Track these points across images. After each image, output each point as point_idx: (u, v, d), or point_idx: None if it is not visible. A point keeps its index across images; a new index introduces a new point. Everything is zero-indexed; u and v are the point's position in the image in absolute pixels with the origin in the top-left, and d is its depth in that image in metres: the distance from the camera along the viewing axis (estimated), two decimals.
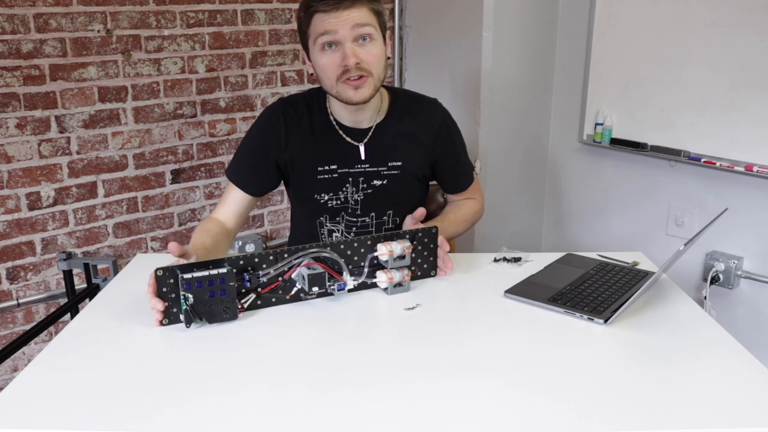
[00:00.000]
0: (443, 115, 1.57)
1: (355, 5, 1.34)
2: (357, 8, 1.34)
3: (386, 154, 1.51)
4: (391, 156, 1.51)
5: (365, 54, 1.37)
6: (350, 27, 1.34)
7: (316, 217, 1.55)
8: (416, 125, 1.53)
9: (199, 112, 2.44)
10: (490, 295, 1.32)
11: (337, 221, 1.54)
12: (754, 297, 2.26)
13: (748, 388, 1.00)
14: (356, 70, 1.36)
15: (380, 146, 1.50)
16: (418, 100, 1.57)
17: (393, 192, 1.52)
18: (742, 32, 2.08)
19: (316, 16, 1.35)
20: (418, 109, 1.54)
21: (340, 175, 1.50)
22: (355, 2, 1.34)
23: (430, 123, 1.54)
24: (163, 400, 0.96)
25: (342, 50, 1.35)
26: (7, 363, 2.18)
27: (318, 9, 1.35)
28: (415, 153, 1.53)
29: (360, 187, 1.51)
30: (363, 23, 1.35)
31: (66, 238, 2.25)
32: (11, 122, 2.09)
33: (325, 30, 1.35)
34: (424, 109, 1.55)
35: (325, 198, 1.51)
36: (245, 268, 1.22)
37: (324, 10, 1.34)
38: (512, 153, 2.69)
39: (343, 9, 1.33)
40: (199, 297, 1.15)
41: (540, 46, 2.65)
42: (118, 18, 2.21)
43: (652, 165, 2.45)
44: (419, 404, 0.95)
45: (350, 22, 1.34)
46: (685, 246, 1.17)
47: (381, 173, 1.51)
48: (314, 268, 1.24)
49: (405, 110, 1.53)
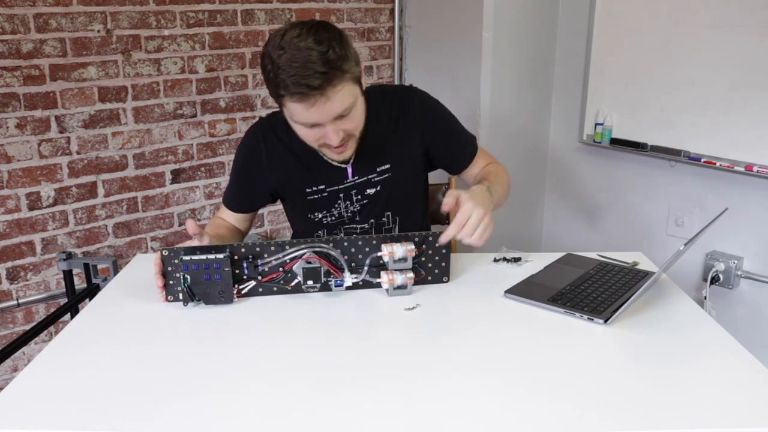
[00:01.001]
0: (420, 101, 1.48)
1: (328, 91, 1.18)
2: (335, 90, 1.19)
3: (372, 161, 1.45)
4: (378, 161, 1.46)
5: (348, 124, 1.28)
6: (332, 117, 1.24)
7: (313, 232, 1.54)
8: (396, 121, 1.45)
9: (199, 112, 2.44)
10: (490, 295, 1.32)
11: (335, 234, 1.53)
12: (754, 297, 2.26)
13: (748, 388, 1.00)
14: (338, 141, 1.28)
15: (365, 157, 1.44)
16: (391, 95, 1.48)
17: (388, 195, 1.49)
18: (742, 32, 2.08)
19: (289, 103, 1.22)
20: (393, 104, 1.46)
21: (330, 193, 1.47)
22: (330, 84, 1.18)
23: (410, 114, 1.46)
24: (163, 400, 0.96)
25: (323, 130, 1.26)
26: (7, 363, 2.18)
27: (290, 99, 1.20)
28: (401, 150, 1.47)
29: (354, 199, 1.48)
30: (344, 108, 1.23)
31: (66, 238, 2.25)
32: (11, 122, 2.09)
33: (303, 121, 1.24)
34: (399, 102, 1.46)
35: (319, 216, 1.50)
36: (246, 257, 1.25)
37: (299, 102, 1.20)
38: (512, 153, 2.68)
39: (320, 96, 1.18)
40: (195, 278, 1.22)
41: (540, 46, 2.65)
42: (118, 18, 2.21)
43: (652, 165, 2.45)
44: (419, 404, 0.95)
45: (330, 114, 1.22)
46: (685, 246, 1.17)
47: (372, 181, 1.47)
48: (312, 262, 1.26)
49: (381, 110, 1.44)
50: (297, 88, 1.17)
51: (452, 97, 2.60)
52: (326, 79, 1.18)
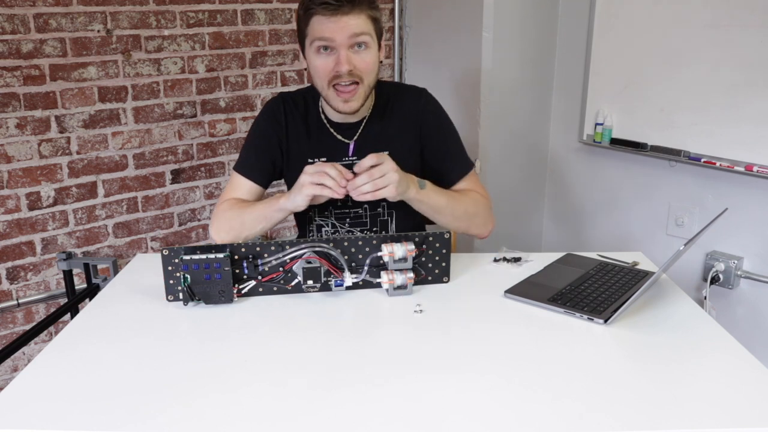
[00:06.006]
0: (427, 103, 1.56)
1: (353, 11, 1.35)
2: (355, 15, 1.35)
3: (374, 147, 1.50)
4: (379, 146, 1.50)
5: (359, 61, 1.38)
6: (347, 35, 1.35)
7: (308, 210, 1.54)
8: (402, 116, 1.53)
9: (199, 112, 2.44)
10: (490, 295, 1.32)
11: (326, 216, 1.55)
12: (754, 297, 2.26)
13: (747, 388, 1.00)
14: (348, 77, 1.38)
15: (368, 140, 1.52)
16: (404, 90, 1.58)
17: None
18: (742, 32, 2.08)
19: (315, 18, 1.36)
20: (403, 100, 1.55)
21: None
22: (353, 8, 1.35)
23: (414, 111, 1.54)
24: (163, 400, 0.96)
25: (336, 55, 1.37)
26: (7, 363, 2.18)
27: (317, 12, 1.35)
28: (402, 143, 1.53)
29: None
30: (360, 32, 1.36)
31: (66, 238, 2.25)
32: (11, 122, 2.09)
33: (322, 35, 1.36)
34: (409, 99, 1.56)
35: None
36: (246, 256, 1.26)
37: (323, 14, 1.34)
38: (512, 153, 2.69)
39: (342, 15, 1.34)
40: (195, 278, 1.23)
41: (540, 46, 2.65)
42: (118, 18, 2.21)
43: (652, 165, 2.45)
44: (419, 404, 0.95)
45: (348, 31, 1.35)
46: (685, 246, 1.17)
47: None
48: (312, 262, 1.26)
49: (392, 102, 1.54)
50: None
51: (452, 97, 2.60)
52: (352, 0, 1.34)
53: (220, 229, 1.46)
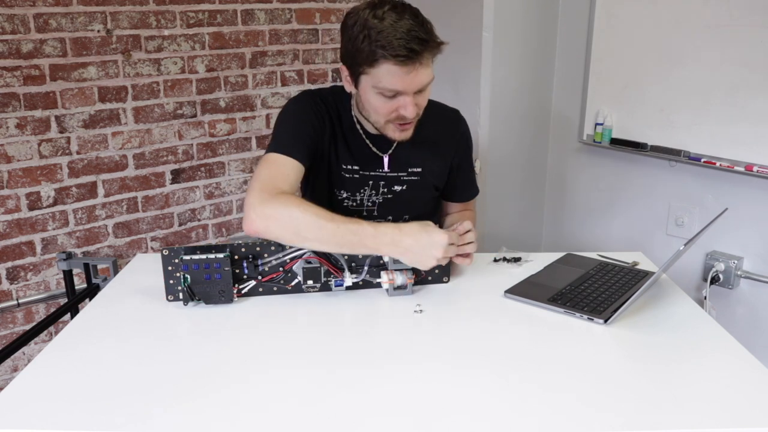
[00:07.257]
0: (464, 126, 1.59)
1: (425, 59, 1.27)
2: (426, 63, 1.28)
3: (408, 160, 1.50)
4: (413, 162, 1.51)
5: (421, 100, 1.35)
6: (417, 86, 1.30)
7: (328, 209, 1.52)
8: (438, 134, 1.53)
9: (199, 112, 2.44)
10: (490, 295, 1.32)
11: None
12: (754, 297, 2.26)
13: (747, 388, 1.00)
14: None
15: (402, 155, 1.50)
16: (441, 109, 1.57)
17: (411, 197, 1.53)
18: (742, 32, 2.08)
19: (385, 66, 1.26)
20: (441, 118, 1.54)
21: (362, 176, 1.49)
22: (424, 55, 1.26)
23: (452, 132, 1.56)
24: (163, 400, 0.96)
25: (401, 100, 1.31)
26: (7, 363, 2.18)
27: (388, 60, 1.25)
28: (435, 160, 1.53)
29: (380, 191, 1.51)
30: (429, 80, 1.31)
31: (66, 238, 2.25)
32: (11, 122, 2.09)
33: (393, 87, 1.29)
34: (447, 119, 1.56)
35: (344, 195, 1.50)
36: (246, 256, 1.26)
37: (395, 64, 1.25)
38: (512, 153, 2.69)
39: (415, 67, 1.26)
40: (195, 278, 1.23)
41: (540, 46, 2.65)
42: (118, 18, 2.21)
43: (652, 165, 2.45)
44: (419, 403, 0.95)
45: (418, 83, 1.29)
46: (685, 246, 1.17)
47: (401, 179, 1.51)
48: (312, 262, 1.26)
49: (428, 118, 1.47)
50: (401, 50, 1.23)
51: (452, 97, 2.60)
52: (426, 47, 1.26)
53: (277, 219, 1.23)
